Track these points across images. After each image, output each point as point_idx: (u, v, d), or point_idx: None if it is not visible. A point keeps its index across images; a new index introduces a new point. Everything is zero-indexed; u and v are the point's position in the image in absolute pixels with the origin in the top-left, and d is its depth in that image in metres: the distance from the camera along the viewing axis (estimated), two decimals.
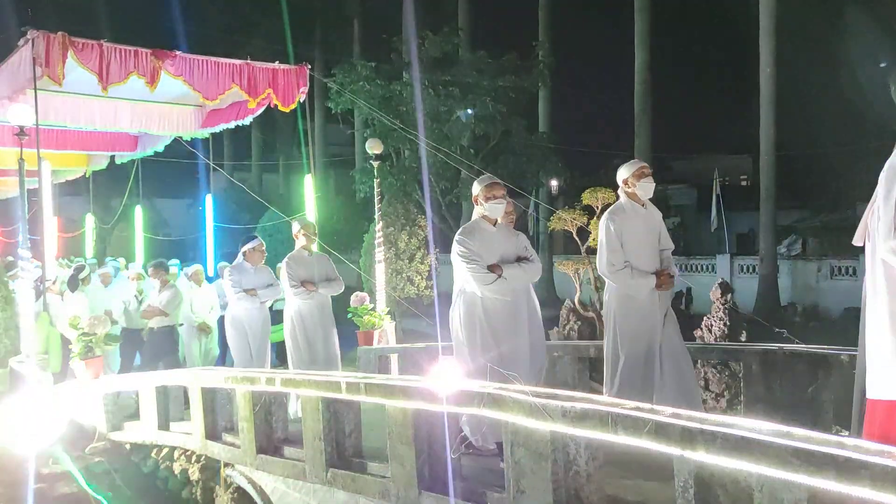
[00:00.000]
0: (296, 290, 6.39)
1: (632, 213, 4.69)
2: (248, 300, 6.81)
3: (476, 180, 4.77)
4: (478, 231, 4.67)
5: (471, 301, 4.58)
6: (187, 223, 25.60)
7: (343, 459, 4.64)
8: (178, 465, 6.35)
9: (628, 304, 4.63)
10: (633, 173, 4.69)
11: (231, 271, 7.01)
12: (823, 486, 2.11)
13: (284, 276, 6.47)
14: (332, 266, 6.77)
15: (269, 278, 7.11)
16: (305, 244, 6.65)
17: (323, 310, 6.57)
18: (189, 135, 10.69)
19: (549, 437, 3.19)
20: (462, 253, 4.56)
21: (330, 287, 6.58)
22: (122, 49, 7.62)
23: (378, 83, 17.08)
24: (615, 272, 4.63)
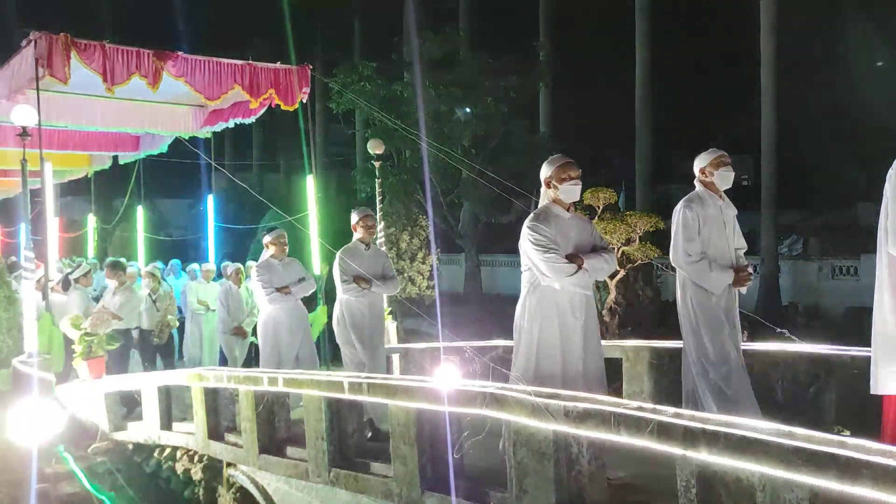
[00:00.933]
0: (346, 285, 5.80)
1: (710, 203, 4.39)
2: (283, 299, 6.45)
3: (546, 161, 4.25)
4: (552, 217, 4.16)
5: (548, 296, 4.06)
6: (189, 223, 25.61)
7: (345, 459, 4.66)
8: (181, 464, 6.37)
9: (705, 301, 4.27)
10: (710, 162, 4.42)
11: (259, 270, 6.58)
12: (825, 485, 2.12)
13: (336, 270, 5.91)
14: (389, 263, 6.26)
15: (300, 272, 6.71)
16: (363, 236, 6.01)
17: (373, 309, 5.97)
18: (190, 134, 10.70)
19: (551, 437, 3.20)
20: (537, 241, 4.03)
21: (385, 286, 6.01)
22: (124, 50, 7.64)
23: (379, 83, 17.09)
24: (692, 263, 4.29)
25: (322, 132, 27.88)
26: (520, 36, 20.99)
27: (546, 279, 4.05)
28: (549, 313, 4.05)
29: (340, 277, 5.82)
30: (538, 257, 4.04)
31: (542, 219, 4.15)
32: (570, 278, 4.00)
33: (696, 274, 4.29)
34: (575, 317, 4.06)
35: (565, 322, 4.04)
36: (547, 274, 4.02)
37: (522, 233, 4.12)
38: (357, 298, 5.81)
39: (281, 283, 6.49)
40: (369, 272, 5.87)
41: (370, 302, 5.91)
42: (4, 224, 18.81)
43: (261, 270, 6.55)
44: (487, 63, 17.35)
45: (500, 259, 25.33)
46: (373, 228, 6.09)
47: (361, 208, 6.11)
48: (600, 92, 23.73)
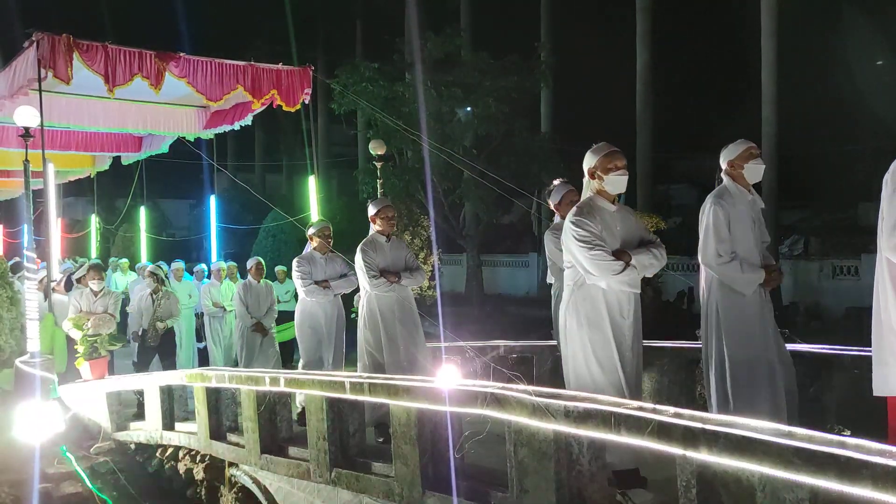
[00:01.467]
0: (374, 280, 5.44)
1: (739, 198, 4.15)
2: (321, 293, 6.15)
3: (590, 150, 3.97)
4: (596, 210, 3.86)
5: (594, 295, 3.78)
6: (191, 223, 25.68)
7: (347, 459, 4.67)
8: (183, 464, 6.38)
9: (736, 301, 4.04)
10: (739, 154, 4.17)
11: (299, 262, 6.31)
12: (825, 485, 2.13)
13: (360, 264, 5.55)
14: (412, 254, 5.92)
15: (342, 268, 6.43)
16: (383, 228, 5.68)
17: (404, 305, 5.61)
18: (193, 135, 10.73)
19: (552, 437, 3.21)
20: (582, 237, 3.74)
21: (413, 278, 5.65)
22: (126, 51, 7.66)
23: (381, 84, 17.11)
24: (723, 264, 4.05)
25: (324, 133, 27.94)
26: (521, 36, 20.99)
27: (592, 277, 3.78)
28: (597, 314, 3.77)
29: (367, 273, 5.45)
30: (583, 254, 3.76)
31: (587, 212, 3.84)
32: (617, 276, 3.73)
33: (727, 275, 4.07)
34: (623, 317, 3.80)
35: (615, 323, 3.76)
36: (593, 272, 3.75)
37: (565, 228, 3.86)
38: (387, 294, 5.46)
39: (321, 278, 6.22)
40: (393, 265, 5.57)
41: (400, 297, 5.55)
42: (7, 225, 18.84)
43: (301, 262, 6.28)
44: (489, 63, 17.36)
45: (501, 259, 25.35)
46: (393, 220, 5.71)
47: (380, 199, 5.79)
48: (601, 92, 23.72)
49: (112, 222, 19.06)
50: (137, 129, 10.66)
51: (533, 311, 18.51)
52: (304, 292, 6.17)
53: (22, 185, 7.60)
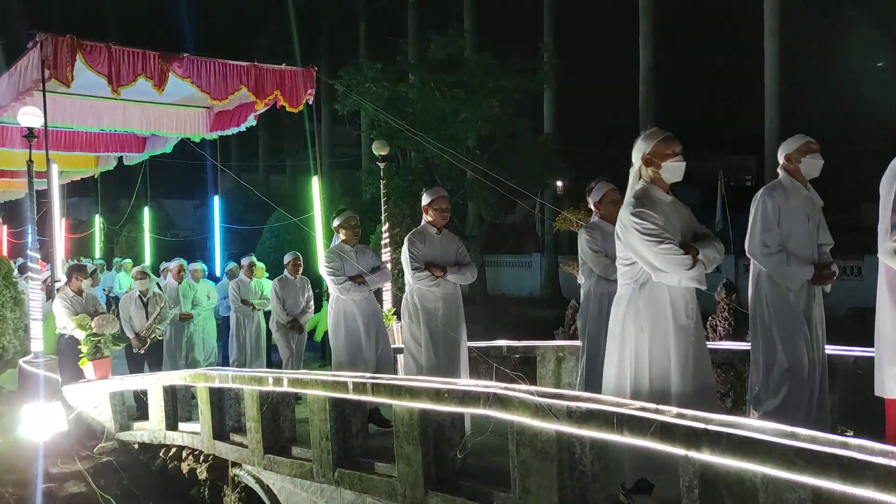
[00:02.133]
0: (417, 273, 5.09)
1: (793, 192, 4.03)
2: (356, 289, 5.67)
3: (643, 135, 3.67)
4: (656, 202, 3.52)
5: (660, 295, 3.45)
6: (195, 224, 25.72)
7: (350, 459, 4.68)
8: (186, 464, 6.39)
9: (781, 299, 3.92)
10: (797, 148, 4.06)
11: (329, 256, 5.78)
12: (827, 486, 2.13)
13: (405, 255, 5.19)
14: (464, 248, 5.47)
15: (374, 260, 5.97)
16: (435, 220, 5.27)
17: (449, 302, 5.19)
18: (198, 136, 10.74)
19: (554, 438, 3.21)
20: (648, 231, 3.38)
21: (461, 274, 5.23)
22: (129, 51, 7.68)
23: (384, 84, 17.14)
24: (768, 255, 3.94)
25: (327, 133, 27.98)
26: (524, 37, 21.01)
27: (660, 274, 3.42)
28: (663, 315, 3.44)
29: (410, 264, 5.12)
30: (650, 249, 3.39)
31: (646, 203, 3.49)
32: (688, 272, 3.40)
33: (772, 266, 3.93)
34: (689, 317, 3.50)
35: (679, 325, 3.45)
36: (662, 268, 3.40)
37: (623, 221, 3.49)
38: (431, 289, 5.10)
39: (353, 272, 5.73)
40: (442, 259, 5.20)
41: (445, 293, 5.16)
42: (11, 225, 18.91)
43: (331, 257, 5.76)
44: (492, 64, 17.38)
45: (504, 259, 25.34)
46: (446, 212, 5.27)
47: (435, 188, 5.39)
48: (604, 93, 23.73)
49: (116, 222, 19.12)
50: (142, 130, 10.68)
51: (536, 311, 18.51)
52: (338, 290, 5.67)
53: (26, 186, 7.60)
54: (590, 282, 5.03)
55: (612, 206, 4.88)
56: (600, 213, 5.09)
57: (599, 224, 5.06)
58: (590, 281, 5.03)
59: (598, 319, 4.82)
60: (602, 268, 4.89)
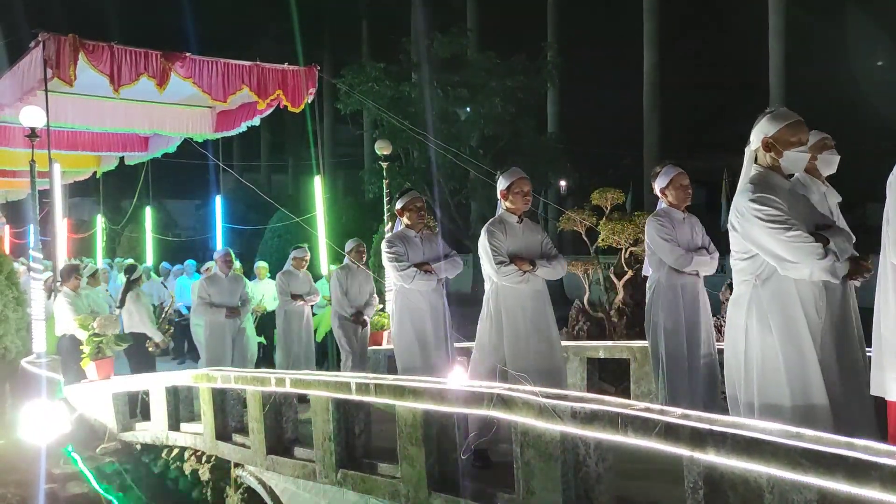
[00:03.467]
0: (502, 268, 4.40)
1: (812, 189, 3.85)
2: (424, 279, 5.04)
3: (767, 115, 3.32)
4: (776, 188, 3.15)
5: (784, 291, 3.04)
6: (197, 224, 25.73)
7: (353, 460, 4.67)
8: (189, 465, 6.39)
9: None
10: (814, 145, 3.81)
11: (391, 242, 5.18)
12: (833, 487, 2.11)
13: (484, 247, 4.51)
14: (548, 238, 4.79)
15: (443, 247, 5.34)
16: (516, 207, 4.58)
17: (538, 299, 4.51)
18: (202, 137, 10.75)
19: (558, 438, 3.20)
20: (772, 217, 2.99)
21: (552, 267, 4.55)
22: (132, 51, 7.70)
23: (387, 84, 17.13)
24: None
25: (330, 132, 27.98)
26: (527, 36, 20.98)
27: (787, 266, 3.01)
28: (792, 313, 3.02)
29: (493, 259, 4.43)
30: (776, 237, 2.98)
31: (769, 188, 3.10)
32: (820, 262, 2.99)
33: None
34: (819, 316, 3.08)
35: (812, 324, 3.04)
36: (790, 258, 2.99)
37: (740, 209, 3.12)
38: (517, 286, 4.42)
39: (420, 260, 5.12)
40: (527, 251, 4.54)
41: (534, 290, 4.50)
42: (14, 225, 18.94)
43: (394, 242, 5.15)
44: (495, 63, 17.35)
45: None
46: (528, 196, 4.59)
47: (514, 169, 4.68)
48: (608, 92, 23.69)
49: (118, 222, 19.14)
50: (144, 130, 10.70)
51: None
52: (402, 278, 5.06)
53: (28, 186, 7.61)
54: (659, 273, 4.63)
55: (681, 192, 4.67)
56: (668, 199, 4.72)
57: (668, 211, 4.71)
58: (659, 273, 4.63)
59: (675, 314, 4.53)
60: (675, 258, 4.54)
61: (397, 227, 5.41)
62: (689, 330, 4.56)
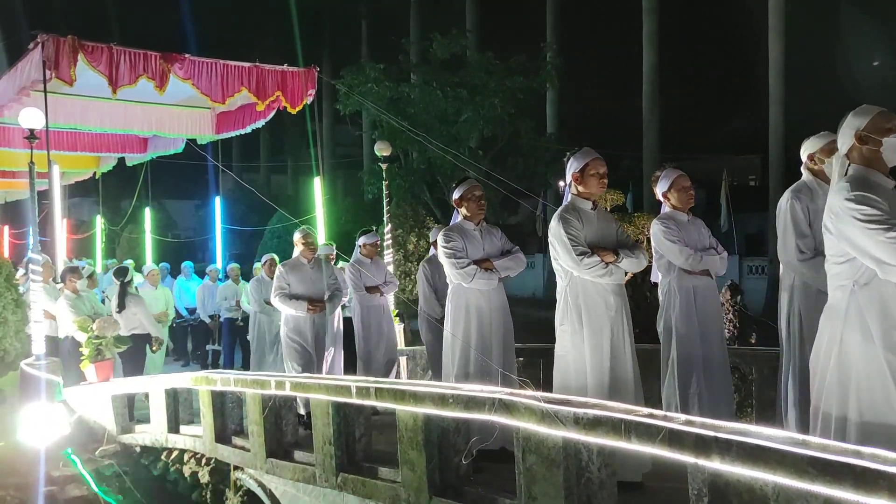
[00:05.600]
0: (586, 259, 3.95)
1: (818, 193, 3.80)
2: (484, 276, 4.63)
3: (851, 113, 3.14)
4: (876, 186, 2.93)
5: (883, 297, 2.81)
6: (196, 224, 25.72)
7: (353, 464, 4.64)
8: (188, 468, 6.36)
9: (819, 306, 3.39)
10: (821, 148, 3.87)
11: (448, 235, 4.73)
12: (840, 496, 2.09)
13: (560, 237, 4.05)
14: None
15: (504, 242, 4.88)
16: (590, 191, 4.18)
17: (620, 296, 4.09)
18: (206, 139, 10.73)
19: (561, 444, 3.17)
20: (871, 217, 2.77)
21: (636, 258, 4.11)
22: (131, 52, 7.68)
23: (386, 85, 17.13)
24: (804, 260, 3.69)
25: (329, 133, 27.97)
26: (527, 37, 20.99)
27: (888, 269, 2.78)
28: (894, 320, 2.78)
29: (574, 249, 3.95)
30: (875, 238, 2.75)
31: (867, 186, 2.89)
32: None
33: (809, 273, 3.67)
34: None
35: None
36: (891, 261, 2.75)
37: (835, 209, 2.91)
38: (600, 279, 3.98)
39: (479, 255, 4.72)
40: (604, 242, 4.11)
41: (617, 284, 4.07)
42: (13, 226, 18.91)
43: (450, 236, 4.72)
44: (494, 64, 17.37)
45: None
46: (605, 179, 4.19)
47: (586, 149, 4.29)
48: (607, 93, 23.70)
49: (117, 223, 19.10)
50: (143, 131, 10.68)
51: (539, 313, 18.43)
52: (460, 276, 4.63)
53: (27, 187, 7.59)
54: (669, 277, 4.52)
55: (683, 194, 4.60)
56: (671, 203, 4.66)
57: (672, 214, 4.63)
58: (669, 276, 4.52)
59: (688, 318, 4.42)
60: (685, 259, 4.43)
61: (455, 219, 4.93)
62: (703, 333, 4.46)
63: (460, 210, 4.86)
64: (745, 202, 25.82)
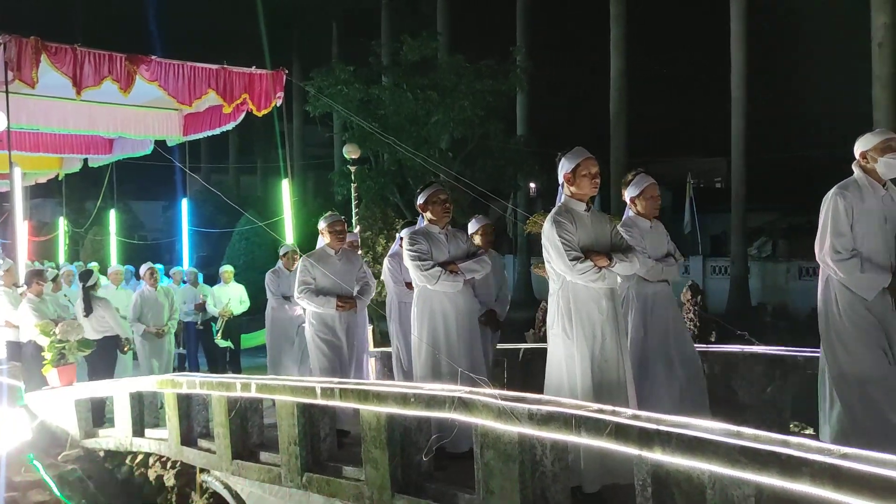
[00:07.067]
0: (579, 265, 3.83)
1: (869, 192, 3.72)
2: (447, 279, 4.59)
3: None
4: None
5: None
6: (164, 226, 25.43)
7: (318, 464, 4.70)
8: (153, 471, 6.35)
9: (854, 306, 3.62)
10: (875, 146, 3.73)
11: (413, 238, 4.72)
12: (768, 482, 2.22)
13: (553, 240, 3.92)
14: (617, 229, 4.32)
15: (469, 246, 4.91)
16: (583, 190, 4.03)
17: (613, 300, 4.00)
18: (173, 140, 10.65)
19: (516, 439, 3.28)
20: None
21: (630, 262, 4.01)
22: (96, 53, 7.62)
23: (356, 87, 17.16)
24: (840, 261, 3.63)
25: (300, 134, 27.87)
26: (497, 40, 21.17)
27: None
28: None
29: (567, 254, 3.85)
30: None
31: None
32: None
33: (846, 273, 3.63)
34: None
35: None
36: None
37: None
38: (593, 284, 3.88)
39: (444, 258, 4.69)
40: (598, 245, 4.01)
41: (611, 288, 3.99)
42: None
43: (416, 239, 4.70)
44: (464, 67, 17.50)
45: None
46: (597, 180, 4.07)
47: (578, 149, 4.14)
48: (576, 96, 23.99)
49: (81, 225, 18.80)
50: (108, 132, 10.56)
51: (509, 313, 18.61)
52: (425, 278, 4.59)
53: None
54: (628, 284, 4.47)
55: (651, 202, 4.60)
56: (636, 208, 4.63)
57: (636, 220, 4.61)
58: (628, 283, 4.47)
59: (642, 324, 4.47)
60: (647, 269, 4.42)
61: (420, 224, 4.99)
62: (662, 337, 4.49)
63: (425, 214, 4.87)
64: (710, 203, 26.34)
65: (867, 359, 3.56)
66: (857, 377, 3.55)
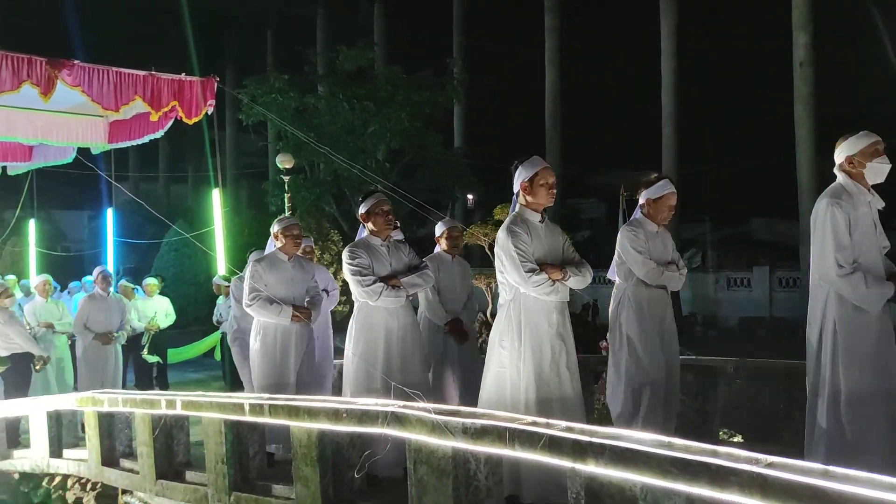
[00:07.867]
0: (533, 277, 3.79)
1: (859, 198, 3.53)
2: (389, 294, 4.48)
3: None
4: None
5: None
6: (89, 237, 24.40)
7: (247, 482, 4.55)
8: (72, 493, 6.02)
9: (858, 321, 3.44)
10: (862, 150, 3.52)
11: (353, 251, 4.60)
12: (698, 492, 2.24)
13: (508, 251, 3.85)
14: (569, 241, 4.25)
15: (411, 258, 4.75)
16: (540, 200, 3.97)
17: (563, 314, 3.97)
18: (98, 148, 10.21)
19: (450, 454, 3.23)
20: None
21: (582, 275, 3.97)
22: (13, 56, 7.26)
23: (291, 96, 16.92)
24: (844, 276, 3.41)
25: (233, 143, 27.27)
26: (433, 52, 21.26)
27: None
28: None
29: (522, 265, 3.79)
30: None
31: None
32: None
33: (850, 289, 3.42)
34: None
35: None
36: None
37: None
38: (547, 297, 3.84)
39: (385, 272, 4.58)
40: (552, 257, 3.95)
41: (561, 302, 3.95)
42: None
43: (356, 252, 4.56)
44: (401, 78, 17.50)
45: None
46: (554, 190, 3.98)
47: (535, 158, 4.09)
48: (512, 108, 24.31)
49: None
50: (28, 139, 10.06)
51: None
52: (366, 294, 4.46)
53: None
54: (626, 284, 4.39)
55: (667, 211, 4.44)
56: (648, 210, 4.47)
57: (643, 221, 4.44)
58: (627, 283, 4.39)
59: (640, 328, 4.32)
60: (646, 272, 4.29)
61: (361, 234, 4.80)
62: (654, 344, 4.32)
63: (367, 225, 4.70)
64: None
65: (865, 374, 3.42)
66: (871, 393, 3.40)
